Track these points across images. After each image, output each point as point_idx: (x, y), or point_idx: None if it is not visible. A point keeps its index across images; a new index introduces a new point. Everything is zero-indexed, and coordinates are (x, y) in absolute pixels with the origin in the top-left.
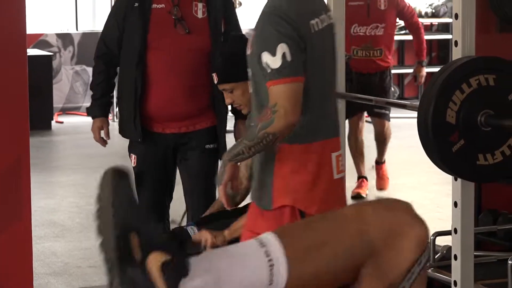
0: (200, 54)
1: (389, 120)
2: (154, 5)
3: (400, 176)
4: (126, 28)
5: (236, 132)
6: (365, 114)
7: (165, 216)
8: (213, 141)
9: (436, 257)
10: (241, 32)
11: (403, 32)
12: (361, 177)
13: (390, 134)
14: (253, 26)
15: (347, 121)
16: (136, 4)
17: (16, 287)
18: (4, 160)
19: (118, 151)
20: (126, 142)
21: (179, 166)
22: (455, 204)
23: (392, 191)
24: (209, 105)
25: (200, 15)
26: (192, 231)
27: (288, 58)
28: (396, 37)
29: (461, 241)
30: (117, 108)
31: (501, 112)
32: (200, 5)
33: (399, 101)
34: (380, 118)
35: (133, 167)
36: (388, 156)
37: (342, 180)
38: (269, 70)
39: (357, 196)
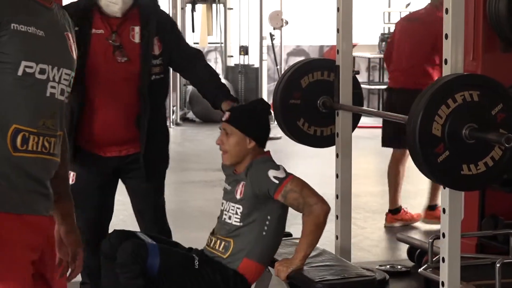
0: (133, 81)
1: None
2: (94, 30)
3: (425, 182)
4: None
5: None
6: None
7: (104, 236)
8: (159, 160)
9: (434, 259)
10: (194, 49)
11: None
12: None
13: None
14: (298, 42)
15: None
16: (76, 28)
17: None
18: None
19: None
20: None
21: (126, 187)
22: (444, 211)
23: (414, 195)
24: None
25: (137, 39)
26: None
27: None
28: None
29: (448, 245)
30: None
31: (485, 126)
32: (136, 28)
33: (391, 113)
34: None
35: (72, 184)
36: (409, 163)
37: None
38: None
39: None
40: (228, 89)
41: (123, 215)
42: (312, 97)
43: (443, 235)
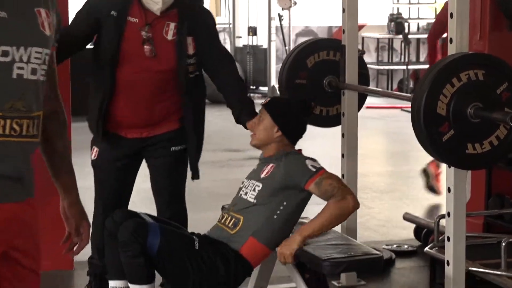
0: (164, 74)
1: None
2: (129, 18)
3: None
4: (101, 36)
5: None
6: None
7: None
8: (178, 143)
9: (440, 238)
10: (225, 52)
11: None
12: None
13: None
14: (307, 23)
15: None
16: (114, 13)
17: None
18: None
19: None
20: None
21: (148, 166)
22: (448, 190)
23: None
24: (174, 112)
25: (170, 36)
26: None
27: None
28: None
29: (453, 224)
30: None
31: (490, 105)
32: (172, 25)
33: (394, 92)
34: None
35: (92, 160)
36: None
37: None
38: None
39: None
40: (252, 102)
41: (133, 197)
42: (318, 77)
43: (448, 214)
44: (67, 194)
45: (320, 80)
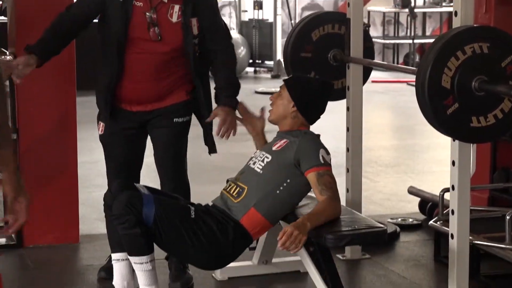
0: (171, 53)
1: None
2: (135, 2)
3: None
4: (106, 18)
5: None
6: None
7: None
8: (182, 115)
9: (444, 212)
10: (224, 33)
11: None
12: None
13: None
14: None
15: None
16: None
17: (65, 228)
18: (54, 116)
19: None
20: None
21: (150, 138)
22: (453, 163)
23: (426, 149)
24: (179, 86)
25: (174, 18)
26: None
27: None
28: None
29: (457, 197)
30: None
31: (495, 78)
32: (176, 7)
33: (398, 65)
34: None
35: (100, 135)
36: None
37: None
38: None
39: None
40: (236, 86)
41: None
42: (323, 50)
43: (453, 188)
44: (3, 169)
45: (325, 53)
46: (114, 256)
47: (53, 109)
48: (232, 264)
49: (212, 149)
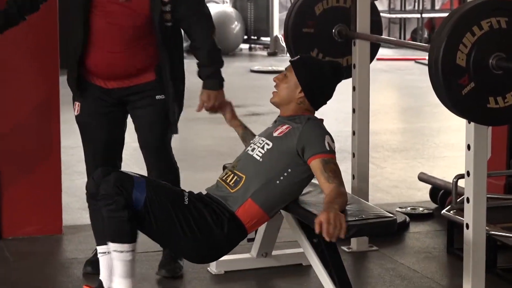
0: (139, 20)
1: None
2: None
3: (449, 119)
4: None
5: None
6: None
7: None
8: (161, 92)
9: (458, 200)
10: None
11: None
12: None
13: None
14: None
15: None
16: None
17: (47, 218)
18: (34, 97)
19: None
20: None
21: (132, 119)
22: (468, 147)
23: (437, 133)
24: (152, 63)
25: None
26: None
27: None
28: None
29: (473, 184)
30: None
31: None
32: None
33: (411, 42)
34: None
35: (76, 116)
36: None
37: None
38: None
39: None
40: (219, 63)
41: (125, 158)
42: (327, 26)
43: (468, 174)
44: None
45: (329, 28)
46: (100, 249)
47: (33, 90)
48: (229, 257)
49: (174, 129)
